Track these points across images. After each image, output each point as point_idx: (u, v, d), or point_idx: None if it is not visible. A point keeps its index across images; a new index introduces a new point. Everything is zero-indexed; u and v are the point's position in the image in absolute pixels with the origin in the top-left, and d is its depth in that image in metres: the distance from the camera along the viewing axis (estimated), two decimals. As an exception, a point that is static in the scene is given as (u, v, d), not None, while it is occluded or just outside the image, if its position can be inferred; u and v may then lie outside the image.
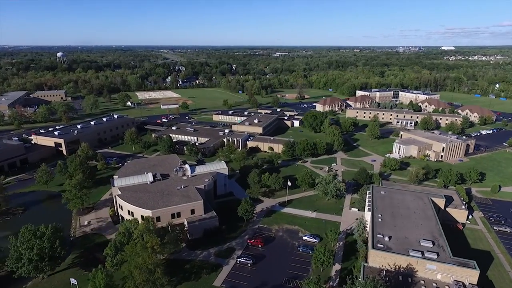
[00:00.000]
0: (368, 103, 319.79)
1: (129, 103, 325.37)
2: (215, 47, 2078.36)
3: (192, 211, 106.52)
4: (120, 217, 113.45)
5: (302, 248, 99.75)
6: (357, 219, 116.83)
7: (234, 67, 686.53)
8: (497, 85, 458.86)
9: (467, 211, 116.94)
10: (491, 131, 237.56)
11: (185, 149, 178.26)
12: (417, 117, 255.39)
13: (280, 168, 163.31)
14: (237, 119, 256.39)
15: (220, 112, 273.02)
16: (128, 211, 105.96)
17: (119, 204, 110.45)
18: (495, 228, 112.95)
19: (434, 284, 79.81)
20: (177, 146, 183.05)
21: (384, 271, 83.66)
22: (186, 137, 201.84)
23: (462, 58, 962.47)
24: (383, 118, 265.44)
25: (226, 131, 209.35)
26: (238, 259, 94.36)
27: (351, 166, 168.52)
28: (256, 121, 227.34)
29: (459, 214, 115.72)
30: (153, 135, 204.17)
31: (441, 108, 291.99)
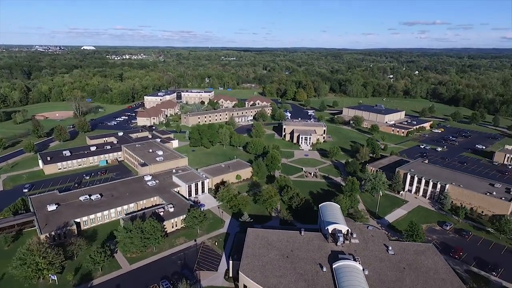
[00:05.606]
0: (178, 107, 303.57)
1: None
2: None
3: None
4: None
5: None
6: (416, 197, 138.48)
7: None
8: (206, 79, 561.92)
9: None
10: (289, 112, 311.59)
11: (182, 222, 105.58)
12: (248, 112, 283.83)
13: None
14: (95, 159, 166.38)
15: (49, 158, 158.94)
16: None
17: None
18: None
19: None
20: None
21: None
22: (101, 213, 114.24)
23: (127, 58, 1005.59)
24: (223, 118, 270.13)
25: (152, 182, 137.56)
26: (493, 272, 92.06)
27: (314, 164, 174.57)
28: (160, 153, 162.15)
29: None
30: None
31: (236, 102, 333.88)
